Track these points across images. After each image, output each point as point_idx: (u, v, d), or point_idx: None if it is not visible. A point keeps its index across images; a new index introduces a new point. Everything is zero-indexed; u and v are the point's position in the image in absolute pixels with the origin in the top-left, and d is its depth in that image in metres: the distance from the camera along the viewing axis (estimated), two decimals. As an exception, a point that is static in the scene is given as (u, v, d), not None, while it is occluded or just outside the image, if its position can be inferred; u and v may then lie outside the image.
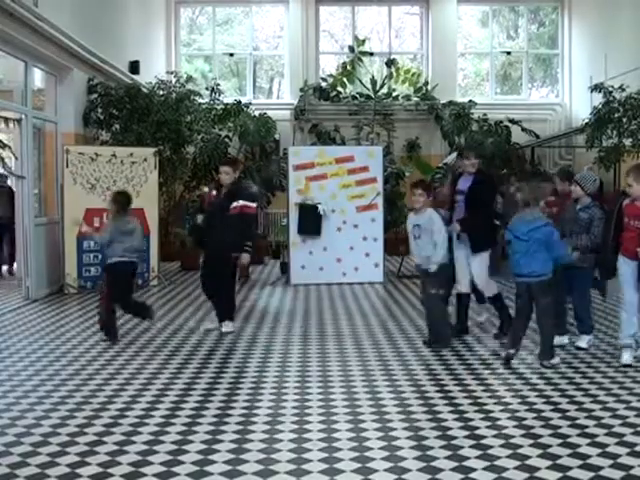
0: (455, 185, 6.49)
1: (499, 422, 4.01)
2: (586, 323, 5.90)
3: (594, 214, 5.69)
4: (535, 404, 4.35)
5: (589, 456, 3.49)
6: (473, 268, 6.26)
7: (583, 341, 5.85)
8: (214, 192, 6.85)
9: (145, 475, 3.30)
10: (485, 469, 3.34)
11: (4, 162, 7.92)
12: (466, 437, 3.76)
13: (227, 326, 6.61)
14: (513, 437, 3.76)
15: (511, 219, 5.52)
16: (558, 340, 5.77)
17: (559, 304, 5.83)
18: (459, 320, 6.50)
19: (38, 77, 9.90)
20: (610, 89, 10.71)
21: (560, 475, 3.27)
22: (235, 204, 6.52)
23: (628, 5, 13.12)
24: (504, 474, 3.28)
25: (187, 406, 4.36)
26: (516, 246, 5.31)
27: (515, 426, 3.93)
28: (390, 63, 15.78)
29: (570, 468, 3.35)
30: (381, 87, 15.45)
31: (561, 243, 5.33)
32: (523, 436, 3.77)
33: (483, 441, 3.70)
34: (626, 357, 5.27)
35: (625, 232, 5.24)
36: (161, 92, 11.07)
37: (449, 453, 3.54)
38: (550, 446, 3.62)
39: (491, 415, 4.13)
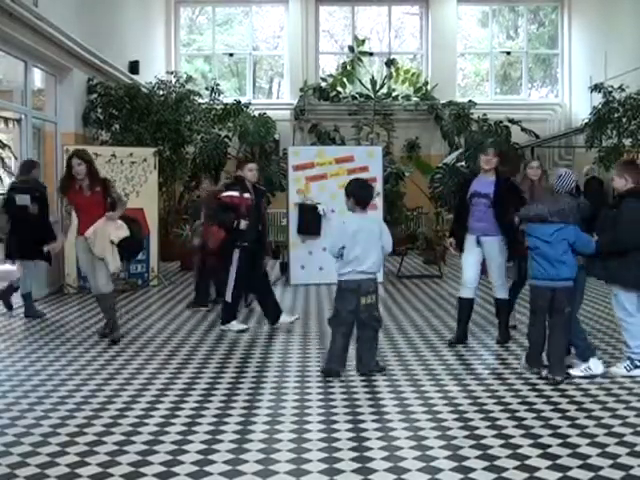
0: (466, 187, 6.10)
1: (499, 422, 4.01)
2: (580, 347, 5.06)
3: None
4: (535, 404, 4.35)
5: (589, 456, 3.49)
6: (496, 266, 5.97)
7: (577, 368, 4.97)
8: (237, 193, 6.52)
9: (145, 475, 3.30)
10: (485, 469, 3.34)
11: (4, 162, 7.92)
12: (466, 437, 3.76)
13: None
14: (513, 437, 3.76)
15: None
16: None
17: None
18: (459, 325, 6.11)
19: (38, 77, 9.91)
20: (610, 89, 10.71)
21: (560, 475, 3.27)
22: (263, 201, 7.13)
23: (628, 5, 13.14)
24: (504, 474, 3.28)
25: (187, 406, 4.35)
26: (541, 249, 4.87)
27: (515, 426, 3.93)
28: (390, 63, 15.79)
29: (570, 468, 3.35)
30: (381, 87, 15.45)
31: (586, 237, 4.91)
32: (523, 436, 3.77)
33: (483, 441, 3.70)
34: None
35: None
36: (161, 92, 11.07)
37: (449, 453, 3.54)
38: (550, 446, 3.62)
39: (491, 415, 4.13)
